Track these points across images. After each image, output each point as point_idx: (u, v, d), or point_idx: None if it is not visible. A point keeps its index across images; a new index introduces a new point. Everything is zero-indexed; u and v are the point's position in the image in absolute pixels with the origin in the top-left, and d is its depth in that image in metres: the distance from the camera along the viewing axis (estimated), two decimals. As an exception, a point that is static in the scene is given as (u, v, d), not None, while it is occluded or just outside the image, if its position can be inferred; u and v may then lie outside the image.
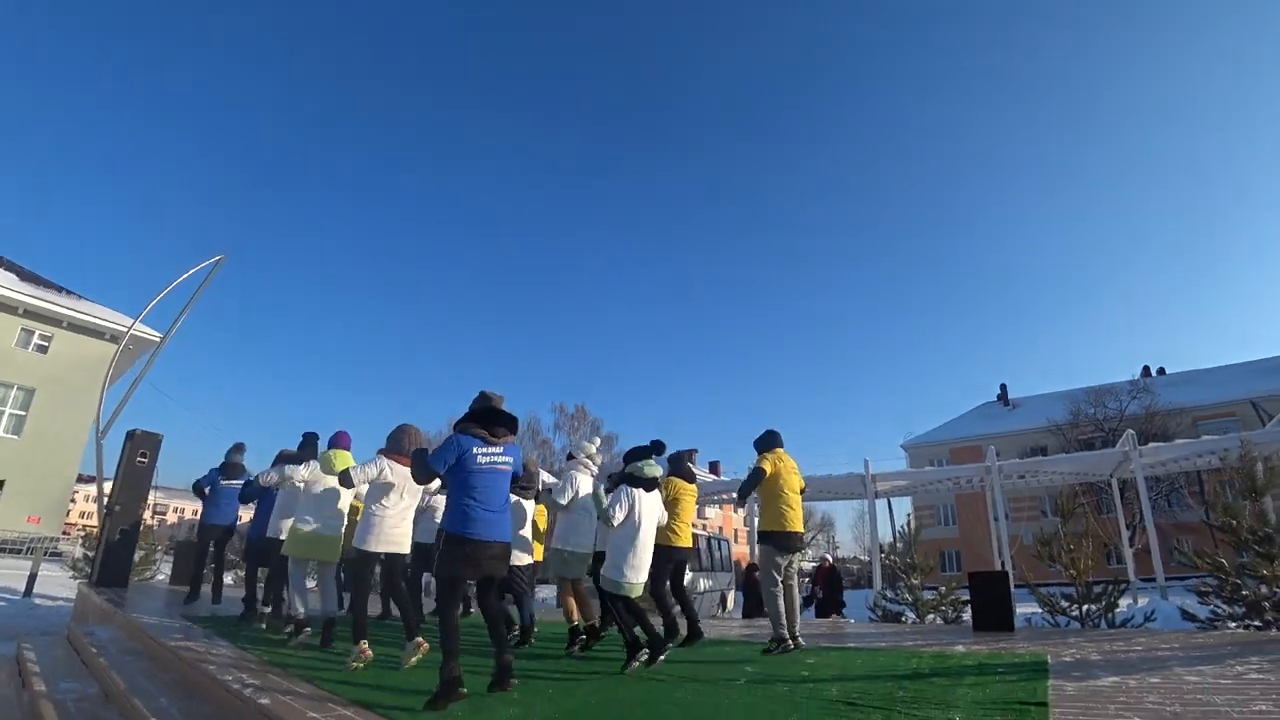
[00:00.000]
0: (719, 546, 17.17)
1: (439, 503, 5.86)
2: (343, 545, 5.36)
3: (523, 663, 4.26)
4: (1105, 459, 18.98)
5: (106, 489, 10.66)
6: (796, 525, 5.36)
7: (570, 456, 5.73)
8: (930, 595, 9.66)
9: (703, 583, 14.34)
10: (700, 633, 5.62)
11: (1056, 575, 8.42)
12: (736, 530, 47.93)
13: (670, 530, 5.43)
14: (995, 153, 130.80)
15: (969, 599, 7.66)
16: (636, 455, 4.92)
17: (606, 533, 4.85)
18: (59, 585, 12.00)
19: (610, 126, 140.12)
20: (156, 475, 8.56)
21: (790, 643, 5.15)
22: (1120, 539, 20.11)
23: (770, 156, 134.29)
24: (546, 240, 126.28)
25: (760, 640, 5.77)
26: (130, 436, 8.28)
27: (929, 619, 9.33)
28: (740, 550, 38.22)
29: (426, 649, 4.10)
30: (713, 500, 27.46)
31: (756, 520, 5.93)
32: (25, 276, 27.98)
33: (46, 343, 27.34)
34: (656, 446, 5.11)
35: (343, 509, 5.30)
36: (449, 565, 3.51)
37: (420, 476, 3.84)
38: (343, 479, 4.49)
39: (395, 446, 4.59)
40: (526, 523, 5.71)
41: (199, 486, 7.37)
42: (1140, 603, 16.54)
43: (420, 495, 4.82)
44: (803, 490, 5.61)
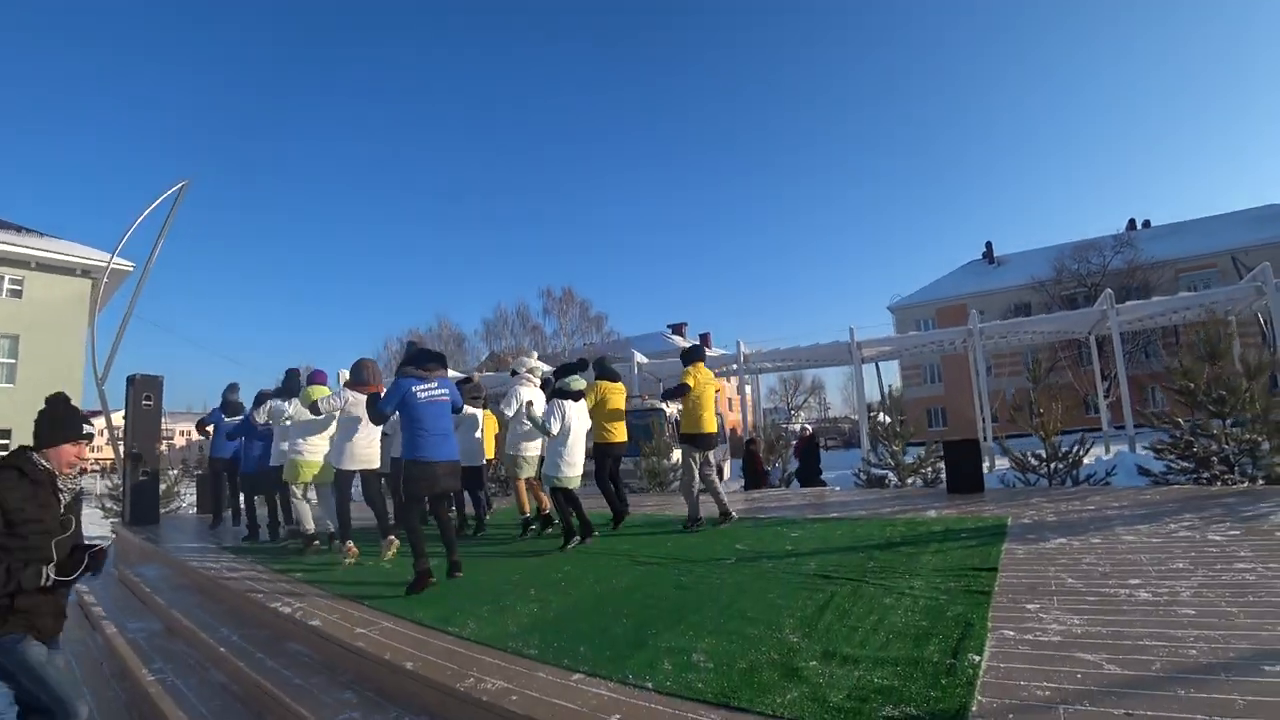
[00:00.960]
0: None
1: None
2: None
3: (509, 547, 4.87)
4: (1083, 318, 19.46)
5: (120, 432, 11.14)
6: (711, 428, 6.12)
7: (514, 373, 6.43)
8: (912, 459, 10.33)
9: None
10: (624, 514, 6.37)
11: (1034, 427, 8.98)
12: (731, 399, 48.99)
13: (605, 429, 6.22)
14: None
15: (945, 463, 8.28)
16: (564, 372, 5.76)
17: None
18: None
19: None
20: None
21: (703, 521, 6.02)
22: (1096, 392, 21.11)
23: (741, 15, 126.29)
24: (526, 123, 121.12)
25: (758, 516, 6.64)
26: (131, 382, 8.50)
27: (910, 481, 10.02)
28: (734, 419, 39.50)
29: (397, 545, 5.08)
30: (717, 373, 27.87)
31: (679, 422, 6.59)
32: None
33: (19, 287, 26.81)
34: (580, 364, 6.16)
35: (330, 436, 5.76)
36: (410, 484, 4.28)
37: (374, 418, 4.56)
38: (311, 408, 5.21)
39: (358, 379, 5.31)
40: (478, 429, 6.56)
41: (202, 425, 7.79)
42: (1111, 452, 17.70)
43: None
44: (718, 393, 6.45)
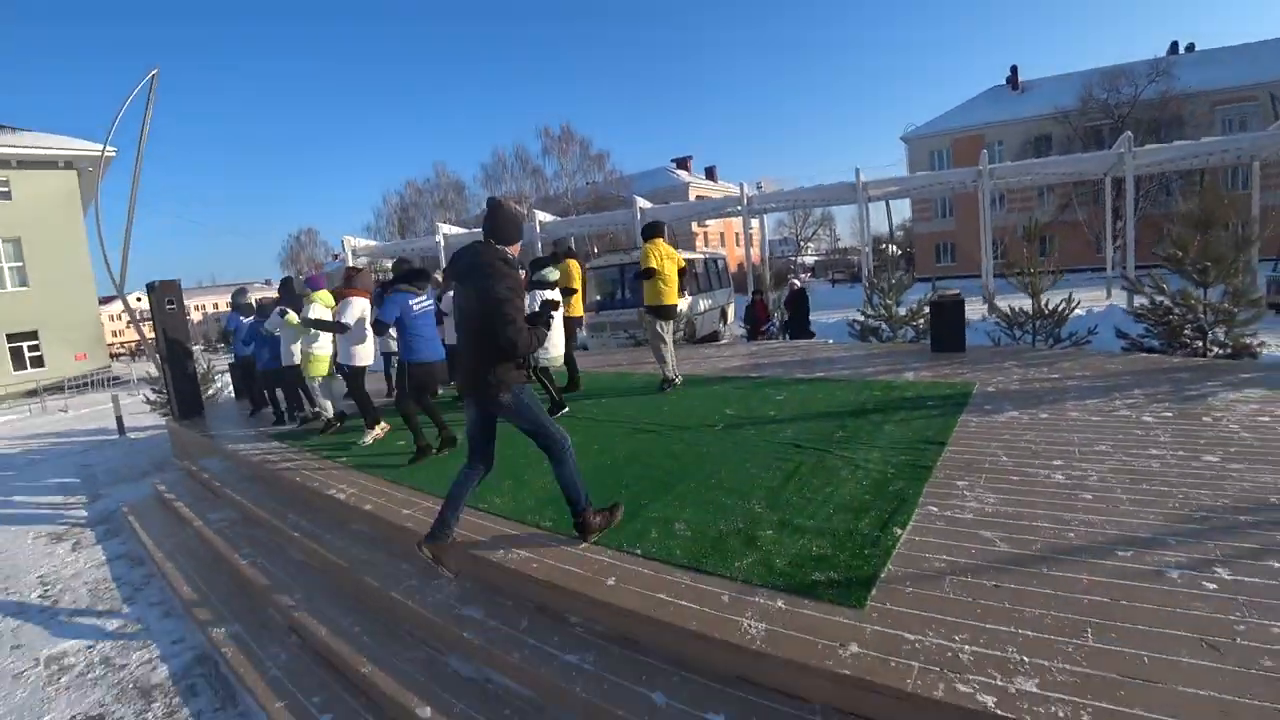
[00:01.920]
0: (715, 265, 17.36)
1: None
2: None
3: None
4: (1100, 160, 18.89)
5: (140, 315, 11.88)
6: (672, 300, 6.87)
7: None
8: (905, 310, 10.79)
9: (702, 303, 14.89)
10: (576, 385, 7.44)
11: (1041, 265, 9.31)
12: (738, 234, 48.59)
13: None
14: None
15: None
16: (537, 265, 6.25)
17: None
18: (140, 416, 13.68)
19: None
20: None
21: (677, 379, 7.01)
22: (1106, 235, 20.93)
23: None
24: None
25: (750, 375, 7.50)
26: (151, 289, 8.94)
27: (900, 333, 10.55)
28: (741, 256, 39.45)
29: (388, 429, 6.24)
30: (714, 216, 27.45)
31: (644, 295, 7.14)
32: None
33: (5, 188, 26.68)
34: (553, 257, 6.76)
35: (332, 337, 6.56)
36: (413, 380, 5.27)
37: (379, 330, 5.38)
38: (339, 327, 5.81)
39: (357, 283, 6.04)
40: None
41: (224, 333, 8.51)
42: (1111, 298, 17.92)
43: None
44: (682, 270, 7.05)
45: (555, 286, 6.26)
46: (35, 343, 27.73)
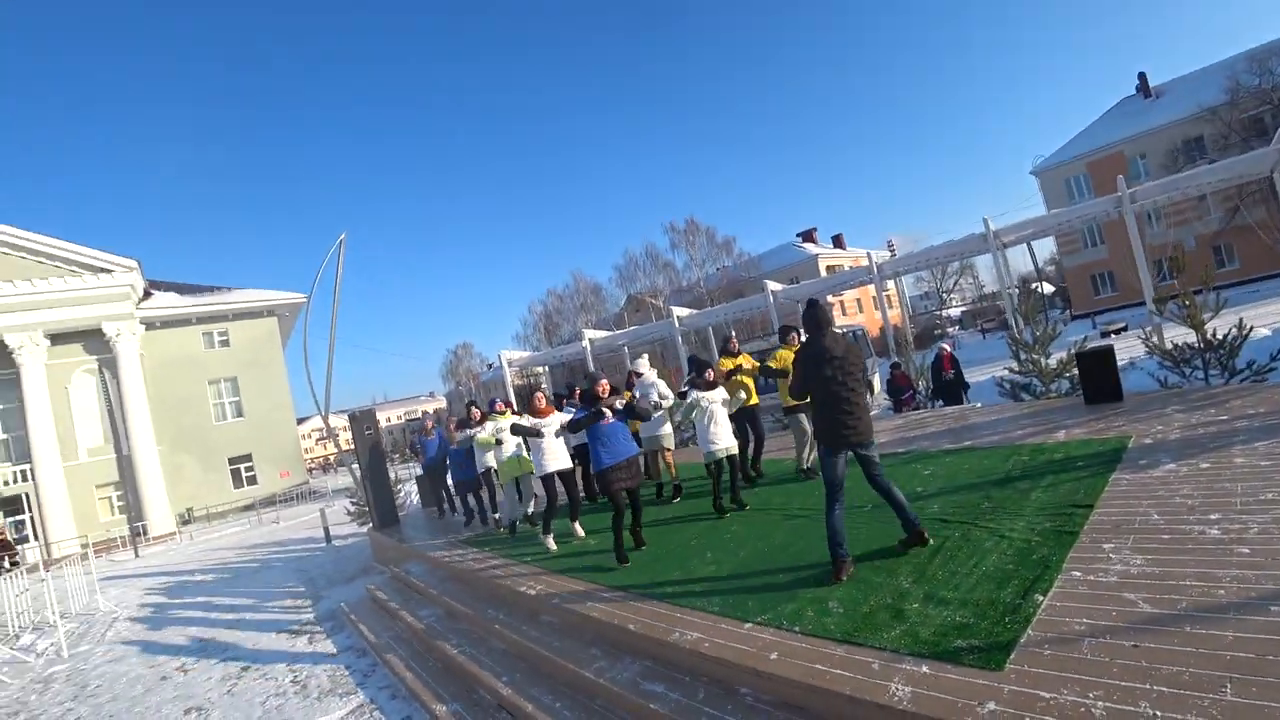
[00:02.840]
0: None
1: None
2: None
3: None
4: (1255, 160, 17.35)
5: (332, 432, 14.32)
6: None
7: (637, 374, 7.86)
8: (1056, 361, 10.32)
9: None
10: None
11: (1227, 275, 8.76)
12: (874, 297, 48.07)
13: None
14: None
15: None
16: (697, 365, 6.73)
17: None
18: (340, 525, 15.68)
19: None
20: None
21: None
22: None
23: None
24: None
25: (898, 451, 7.52)
26: (353, 419, 10.59)
27: (1053, 387, 10.10)
28: (881, 320, 38.39)
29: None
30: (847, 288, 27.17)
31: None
32: (184, 290, 32.55)
33: (225, 336, 32.34)
34: (704, 363, 6.86)
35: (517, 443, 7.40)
36: (603, 483, 5.46)
37: (570, 433, 6.22)
38: (513, 429, 6.64)
39: (529, 408, 6.80)
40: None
41: (414, 447, 9.89)
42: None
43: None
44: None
45: (713, 387, 6.68)
46: (250, 464, 32.44)
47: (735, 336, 8.41)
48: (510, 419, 7.53)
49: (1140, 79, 41.16)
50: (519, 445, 7.38)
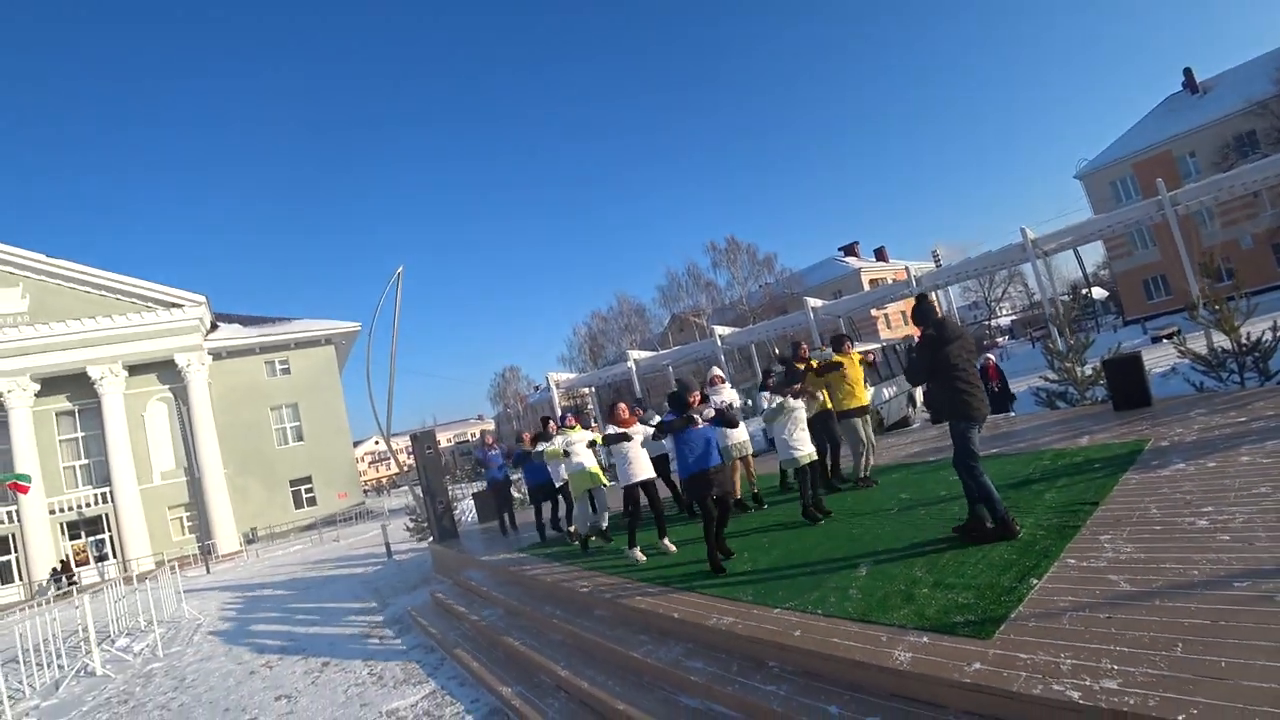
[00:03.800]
0: (894, 350, 17.20)
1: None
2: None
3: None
4: (1302, 155, 16.98)
5: (395, 451, 15.20)
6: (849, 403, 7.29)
7: (710, 383, 7.74)
8: (1091, 369, 10.43)
9: (885, 391, 15.10)
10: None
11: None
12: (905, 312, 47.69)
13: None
14: None
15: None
16: (787, 368, 6.99)
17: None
18: (399, 542, 16.51)
19: None
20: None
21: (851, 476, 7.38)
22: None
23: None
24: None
25: (928, 459, 7.87)
26: (415, 439, 11.37)
27: (1088, 395, 10.22)
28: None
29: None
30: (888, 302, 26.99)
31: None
32: (247, 321, 34.54)
33: (286, 365, 34.11)
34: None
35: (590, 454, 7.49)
36: (691, 490, 5.54)
37: (659, 437, 6.12)
38: (605, 439, 6.72)
39: (613, 417, 6.76)
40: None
41: (477, 463, 10.39)
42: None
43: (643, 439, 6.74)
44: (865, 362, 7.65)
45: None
46: (310, 486, 33.94)
47: (802, 346, 7.91)
48: (580, 433, 7.53)
49: (1186, 75, 40.13)
50: (589, 458, 7.37)
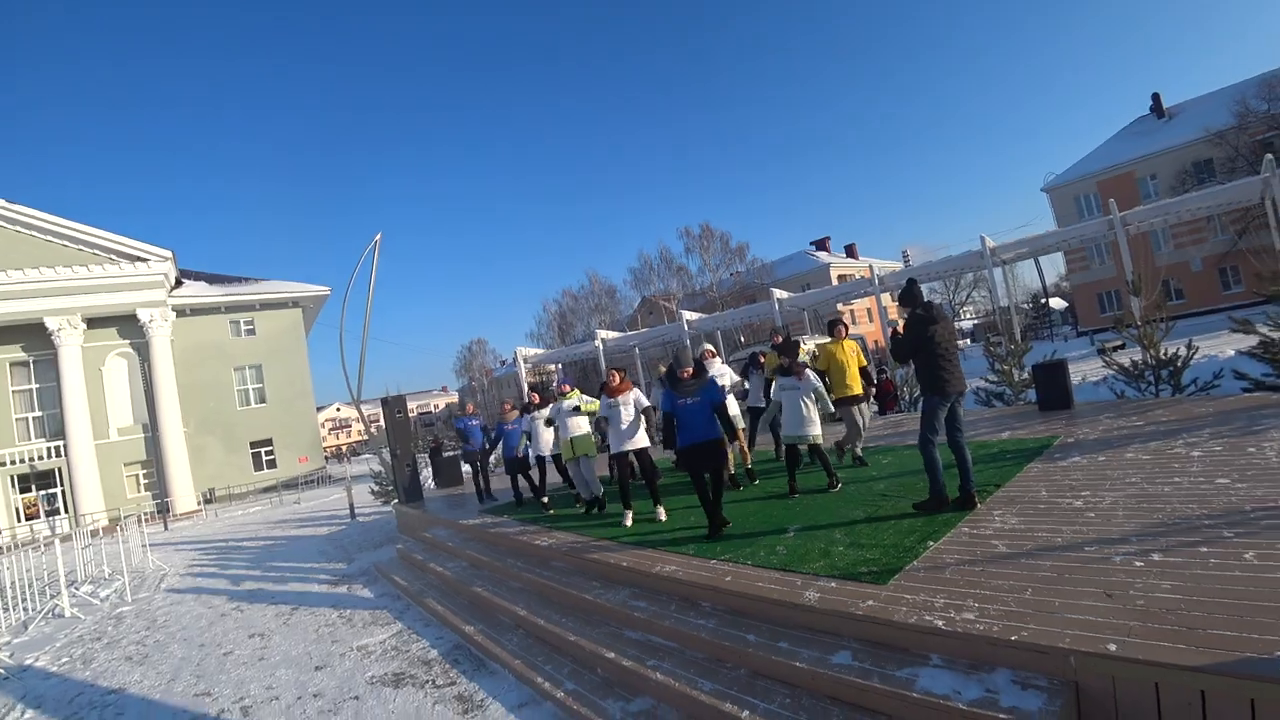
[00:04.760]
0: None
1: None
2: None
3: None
4: (1245, 188, 18.13)
5: (369, 420, 15.51)
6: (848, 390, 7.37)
7: (704, 358, 7.67)
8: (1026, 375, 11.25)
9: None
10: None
11: (1232, 297, 9.61)
12: (885, 307, 49.07)
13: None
14: None
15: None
16: (788, 351, 7.01)
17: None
18: (365, 505, 16.83)
19: None
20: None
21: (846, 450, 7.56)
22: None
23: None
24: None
25: (871, 444, 8.19)
26: (385, 402, 11.70)
27: (1022, 396, 11.05)
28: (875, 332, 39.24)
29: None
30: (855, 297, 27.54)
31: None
32: (213, 280, 34.07)
33: (252, 326, 33.74)
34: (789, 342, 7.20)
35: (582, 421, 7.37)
36: (684, 462, 5.54)
37: (651, 414, 6.28)
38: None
39: (605, 387, 6.85)
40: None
41: (459, 432, 10.65)
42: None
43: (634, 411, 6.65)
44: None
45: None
46: (270, 449, 33.76)
47: (744, 339, 8.51)
48: (577, 397, 7.43)
49: (1154, 99, 41.60)
50: (576, 426, 7.27)
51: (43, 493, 28.96)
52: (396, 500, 12.14)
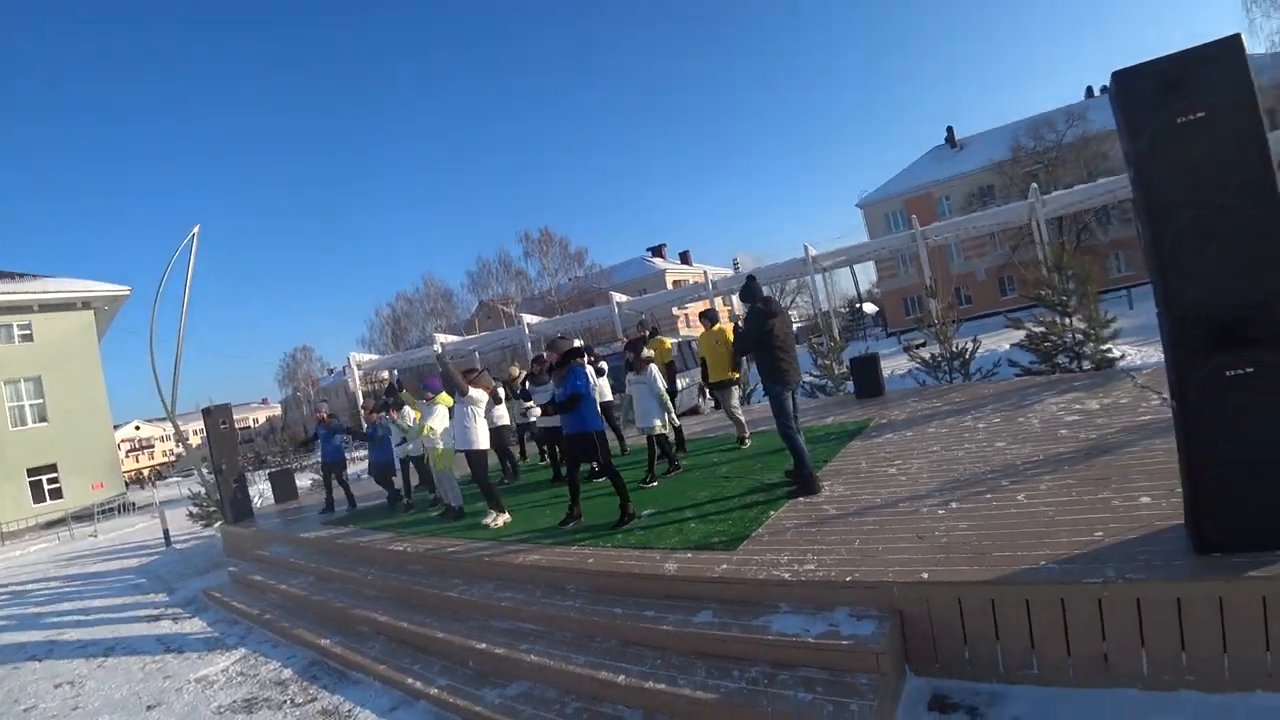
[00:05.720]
0: (689, 346, 19.04)
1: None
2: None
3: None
4: (1016, 210, 21.36)
5: (183, 436, 13.91)
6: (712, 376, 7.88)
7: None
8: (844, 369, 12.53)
9: (680, 382, 16.71)
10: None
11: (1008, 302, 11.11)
12: (718, 311, 51.70)
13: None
14: None
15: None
16: (634, 348, 7.35)
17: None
18: (182, 529, 15.07)
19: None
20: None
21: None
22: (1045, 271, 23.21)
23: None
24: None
25: (711, 434, 8.61)
26: (207, 413, 10.65)
27: (842, 388, 12.30)
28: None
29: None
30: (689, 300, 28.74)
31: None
32: None
33: (28, 330, 28.71)
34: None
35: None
36: (576, 450, 5.47)
37: (575, 403, 5.45)
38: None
39: (481, 381, 6.89)
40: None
41: (310, 439, 9.98)
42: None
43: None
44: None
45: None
46: (54, 475, 28.97)
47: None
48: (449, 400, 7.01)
49: (948, 131, 47.89)
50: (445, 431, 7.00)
51: None
52: (222, 521, 11.05)
